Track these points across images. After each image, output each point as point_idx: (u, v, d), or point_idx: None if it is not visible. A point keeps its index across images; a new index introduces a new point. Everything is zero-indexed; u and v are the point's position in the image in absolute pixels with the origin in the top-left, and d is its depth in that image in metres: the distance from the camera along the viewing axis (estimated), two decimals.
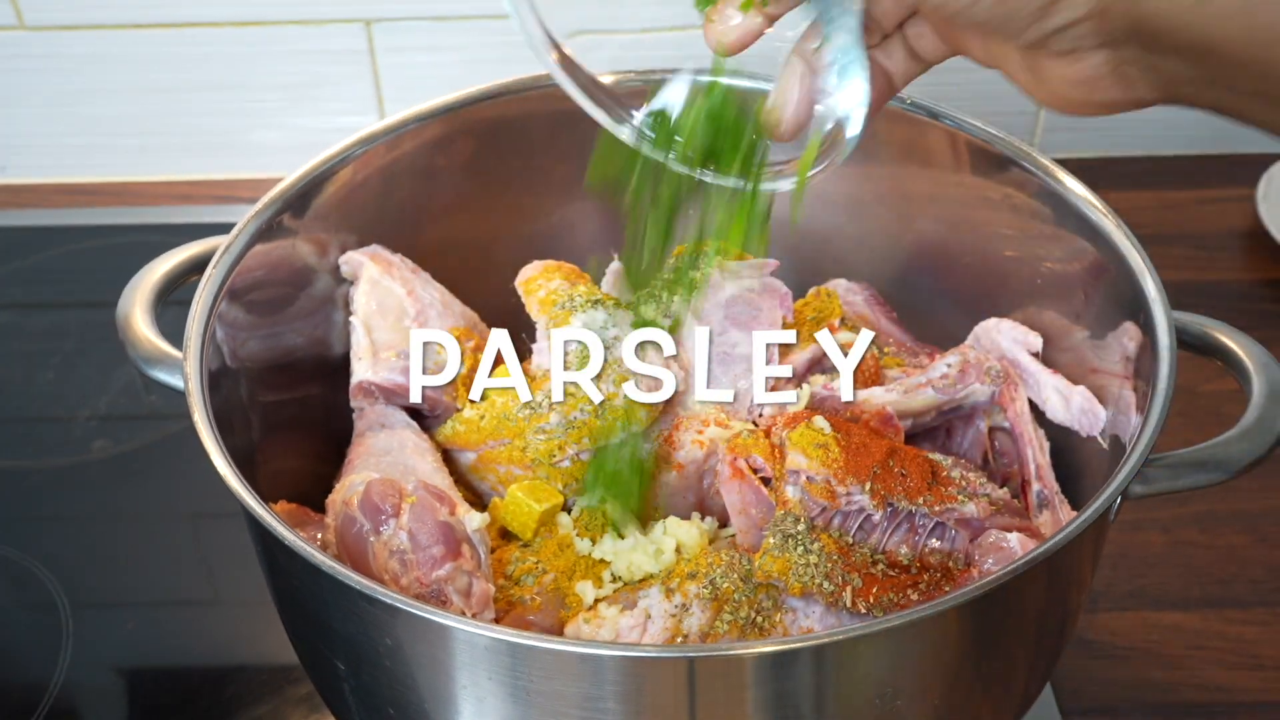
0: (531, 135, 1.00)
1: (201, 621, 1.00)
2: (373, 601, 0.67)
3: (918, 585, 0.76)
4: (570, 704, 0.67)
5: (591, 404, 0.83)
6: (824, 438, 0.78)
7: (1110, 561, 1.02)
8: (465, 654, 0.67)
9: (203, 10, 1.32)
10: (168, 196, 1.41)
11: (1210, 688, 0.94)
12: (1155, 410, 0.75)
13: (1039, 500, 0.85)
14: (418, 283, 0.94)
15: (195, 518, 1.08)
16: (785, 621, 0.76)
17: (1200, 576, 1.01)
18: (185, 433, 0.75)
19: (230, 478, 0.72)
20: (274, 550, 0.74)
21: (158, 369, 0.82)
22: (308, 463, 0.91)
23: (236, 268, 0.85)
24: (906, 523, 0.78)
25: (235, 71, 1.36)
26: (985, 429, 0.90)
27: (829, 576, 0.75)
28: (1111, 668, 0.95)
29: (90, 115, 1.40)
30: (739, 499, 0.80)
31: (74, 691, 0.95)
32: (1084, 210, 0.86)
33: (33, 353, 1.24)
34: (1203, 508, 1.06)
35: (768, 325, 0.86)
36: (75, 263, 1.33)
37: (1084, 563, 0.77)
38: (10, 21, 1.33)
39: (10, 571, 1.03)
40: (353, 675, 0.74)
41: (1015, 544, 0.77)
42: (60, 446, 1.14)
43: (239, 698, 0.94)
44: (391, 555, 0.77)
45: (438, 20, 1.33)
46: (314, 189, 0.91)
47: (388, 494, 0.78)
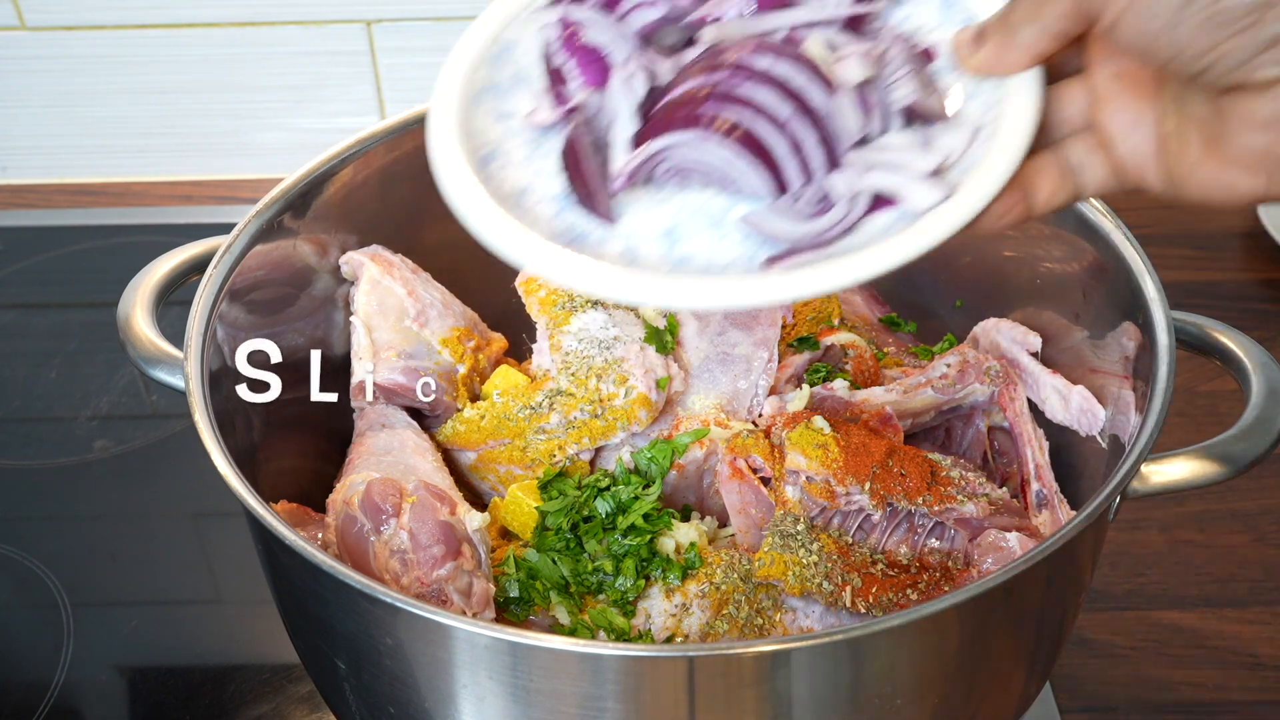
0: None
1: (202, 621, 1.00)
2: (373, 601, 0.67)
3: (917, 585, 0.77)
4: (570, 703, 0.67)
5: (591, 404, 0.83)
6: (823, 438, 0.79)
7: (1109, 561, 1.02)
8: (465, 653, 0.67)
9: (203, 11, 1.33)
10: (169, 197, 1.41)
11: (1208, 686, 0.94)
12: (1154, 410, 0.75)
13: (1038, 500, 0.85)
14: (418, 283, 0.94)
15: (196, 517, 1.08)
16: (785, 621, 0.76)
17: (1199, 576, 1.02)
18: (186, 432, 0.76)
19: (231, 477, 0.72)
20: (275, 550, 0.74)
21: (158, 369, 0.82)
22: (308, 462, 0.91)
23: (237, 268, 0.85)
24: (906, 522, 0.78)
25: (236, 72, 1.37)
26: (985, 429, 0.90)
27: (828, 576, 0.75)
28: (1110, 666, 0.95)
29: (91, 115, 1.40)
30: (739, 499, 0.80)
31: (75, 690, 0.95)
32: (1083, 210, 0.86)
33: (34, 353, 1.24)
34: (1201, 507, 1.06)
35: (767, 325, 0.86)
36: (76, 263, 1.33)
37: (1083, 562, 0.78)
38: (11, 22, 1.33)
39: (12, 571, 1.03)
40: (353, 674, 0.75)
41: (1014, 544, 0.77)
42: (62, 446, 1.14)
43: (240, 697, 0.94)
44: (392, 555, 0.77)
45: (438, 20, 1.33)
46: (315, 189, 0.91)
47: (388, 494, 0.79)
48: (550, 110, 0.69)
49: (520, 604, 0.78)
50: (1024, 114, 0.63)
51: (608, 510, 0.79)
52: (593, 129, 0.68)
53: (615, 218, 0.66)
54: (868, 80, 0.66)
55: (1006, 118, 0.63)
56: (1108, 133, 0.63)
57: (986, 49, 0.64)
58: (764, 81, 0.65)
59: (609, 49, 0.69)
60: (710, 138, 0.64)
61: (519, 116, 0.70)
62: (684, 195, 0.66)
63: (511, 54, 0.73)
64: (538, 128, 0.69)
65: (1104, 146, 0.63)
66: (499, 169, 0.68)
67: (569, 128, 0.68)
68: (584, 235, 0.65)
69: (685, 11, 0.70)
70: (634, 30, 0.70)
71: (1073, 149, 0.64)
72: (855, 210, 0.64)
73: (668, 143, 0.65)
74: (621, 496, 0.80)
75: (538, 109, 0.70)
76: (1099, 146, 0.64)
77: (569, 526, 0.80)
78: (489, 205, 0.65)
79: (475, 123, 0.69)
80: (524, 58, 0.72)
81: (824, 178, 0.65)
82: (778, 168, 0.65)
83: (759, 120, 0.64)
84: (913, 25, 0.70)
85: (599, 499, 0.80)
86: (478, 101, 0.70)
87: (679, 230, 0.65)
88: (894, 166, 0.64)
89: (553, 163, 0.68)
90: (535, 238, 0.64)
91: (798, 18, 0.68)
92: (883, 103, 0.66)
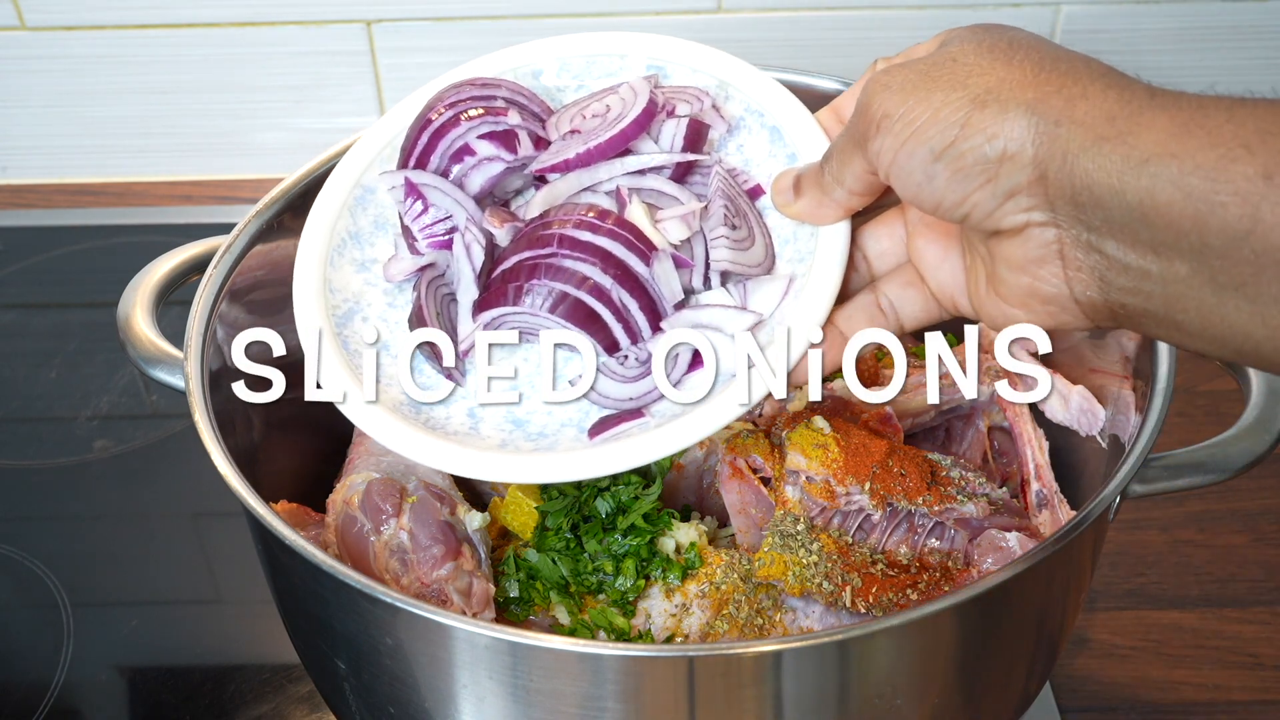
0: None
1: (202, 621, 1.00)
2: (373, 601, 0.67)
3: (917, 585, 0.77)
4: (570, 703, 0.67)
5: None
6: (823, 438, 0.79)
7: (1109, 561, 1.02)
8: (465, 653, 0.67)
9: (203, 10, 1.33)
10: (169, 197, 1.41)
11: (1208, 686, 0.94)
12: (1154, 410, 0.75)
13: (1038, 500, 0.85)
14: None
15: (196, 517, 1.08)
16: (785, 621, 0.76)
17: (1199, 576, 1.02)
18: (186, 432, 0.76)
19: (231, 477, 0.72)
20: (275, 550, 0.74)
21: (158, 369, 0.82)
22: (308, 462, 0.91)
23: (237, 268, 0.85)
24: (906, 522, 0.78)
25: (236, 72, 1.37)
26: (985, 429, 0.90)
27: (828, 576, 0.75)
28: (1110, 666, 0.95)
29: (91, 115, 1.40)
30: (739, 499, 0.80)
31: (75, 690, 0.95)
32: None
33: (35, 353, 1.24)
34: (1201, 507, 1.06)
35: None
36: (77, 263, 1.33)
37: (1083, 562, 0.78)
38: (11, 22, 1.33)
39: (12, 571, 1.03)
40: (353, 674, 0.75)
41: (1014, 543, 0.77)
42: (62, 446, 1.14)
43: (240, 696, 0.94)
44: (392, 555, 0.77)
45: (438, 20, 1.33)
46: (315, 189, 0.91)
47: (388, 494, 0.79)
48: (406, 259, 0.76)
49: (520, 604, 0.78)
50: (832, 265, 0.69)
51: (608, 510, 0.80)
52: (442, 285, 0.75)
53: (460, 379, 0.72)
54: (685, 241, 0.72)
55: (816, 269, 0.70)
56: (921, 266, 0.69)
57: (803, 201, 0.71)
58: (587, 253, 0.70)
59: (451, 212, 0.75)
60: (538, 311, 0.70)
61: (379, 264, 0.77)
62: (527, 349, 0.73)
63: (373, 197, 0.79)
64: (395, 280, 0.76)
65: (921, 279, 0.69)
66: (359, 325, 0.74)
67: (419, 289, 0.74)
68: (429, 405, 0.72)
69: (526, 161, 0.76)
70: (474, 192, 0.76)
71: (888, 288, 0.70)
72: (677, 370, 0.70)
73: (501, 313, 0.71)
74: (621, 496, 0.80)
75: (395, 257, 0.77)
76: (915, 281, 0.70)
77: (569, 526, 0.80)
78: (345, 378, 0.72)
79: (337, 278, 0.76)
80: (385, 199, 0.79)
81: (647, 340, 0.71)
82: (607, 332, 0.70)
83: (583, 289, 0.70)
84: (744, 157, 0.77)
85: (599, 499, 0.80)
86: (340, 253, 0.77)
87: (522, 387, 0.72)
88: (712, 326, 0.70)
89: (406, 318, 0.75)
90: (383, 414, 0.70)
91: (628, 165, 0.75)
92: (704, 260, 0.72)
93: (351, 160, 0.80)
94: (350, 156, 0.81)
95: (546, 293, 0.70)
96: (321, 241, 0.77)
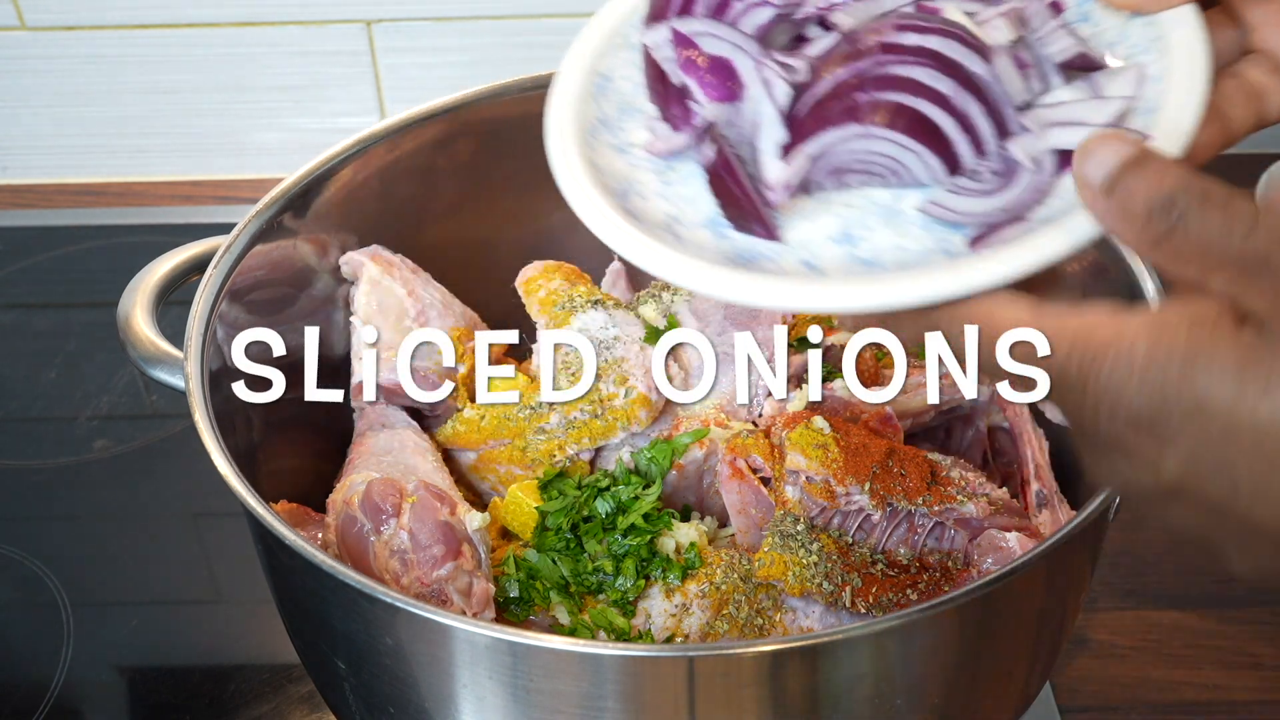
0: (531, 135, 0.99)
1: (202, 621, 1.00)
2: (373, 601, 0.67)
3: (917, 585, 0.77)
4: (570, 703, 0.67)
5: (591, 404, 0.83)
6: (823, 438, 0.79)
7: (1109, 560, 1.02)
8: (465, 653, 0.67)
9: (203, 10, 1.33)
10: (169, 197, 1.41)
11: (1209, 687, 0.94)
12: None
13: (1038, 500, 0.85)
14: (418, 283, 0.94)
15: (196, 517, 1.08)
16: (785, 621, 0.76)
17: (1199, 575, 1.01)
18: (186, 432, 0.76)
19: (231, 477, 0.72)
20: (275, 550, 0.74)
21: (158, 369, 0.82)
22: (308, 462, 0.91)
23: (237, 268, 0.85)
24: (906, 523, 0.78)
25: (236, 72, 1.37)
26: (985, 429, 0.90)
27: (828, 576, 0.75)
28: (1110, 666, 0.95)
29: (91, 115, 1.40)
30: (739, 499, 0.80)
31: (75, 691, 0.95)
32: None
33: (34, 352, 1.24)
34: None
35: (767, 326, 0.86)
36: (76, 263, 1.33)
37: (1083, 562, 0.78)
38: (11, 22, 1.33)
39: (12, 571, 1.03)
40: (353, 674, 0.75)
41: (1014, 543, 0.77)
42: (62, 446, 1.14)
43: (240, 697, 0.94)
44: (392, 555, 0.77)
45: (438, 20, 1.33)
46: (314, 189, 0.91)
47: (388, 494, 0.79)
48: (671, 136, 0.66)
49: (520, 604, 0.78)
50: (1195, 44, 0.59)
51: (608, 510, 0.80)
52: (731, 145, 0.63)
53: (779, 234, 0.61)
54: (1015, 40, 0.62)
55: (1175, 52, 0.59)
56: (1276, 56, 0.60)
57: None
58: (918, 58, 0.60)
59: (732, 57, 0.64)
60: (873, 128, 0.60)
61: (638, 147, 0.66)
62: (845, 196, 0.62)
63: (612, 85, 0.69)
64: (663, 155, 0.66)
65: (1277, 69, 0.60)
66: (639, 202, 0.64)
67: (705, 149, 0.64)
68: (756, 256, 0.61)
69: (794, 6, 0.65)
70: (752, 33, 0.65)
71: (1250, 71, 0.61)
72: (1043, 175, 0.60)
73: (827, 142, 0.61)
74: (621, 496, 0.80)
75: (655, 137, 0.66)
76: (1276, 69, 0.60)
77: (569, 526, 0.80)
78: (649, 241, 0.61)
79: (599, 160, 0.65)
80: (625, 85, 0.69)
81: (1000, 148, 0.60)
82: (949, 147, 0.61)
83: (921, 100, 0.60)
84: None
85: (599, 499, 0.80)
86: (595, 135, 0.67)
87: (853, 233, 0.61)
88: (1073, 122, 0.60)
89: (692, 189, 0.64)
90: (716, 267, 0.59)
91: None
92: (1037, 61, 0.62)
93: (580, 49, 0.70)
94: (579, 46, 0.70)
95: (881, 108, 0.60)
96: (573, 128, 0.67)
